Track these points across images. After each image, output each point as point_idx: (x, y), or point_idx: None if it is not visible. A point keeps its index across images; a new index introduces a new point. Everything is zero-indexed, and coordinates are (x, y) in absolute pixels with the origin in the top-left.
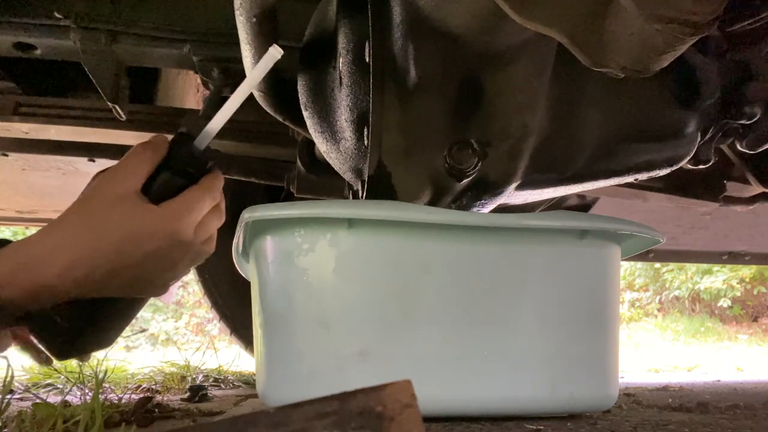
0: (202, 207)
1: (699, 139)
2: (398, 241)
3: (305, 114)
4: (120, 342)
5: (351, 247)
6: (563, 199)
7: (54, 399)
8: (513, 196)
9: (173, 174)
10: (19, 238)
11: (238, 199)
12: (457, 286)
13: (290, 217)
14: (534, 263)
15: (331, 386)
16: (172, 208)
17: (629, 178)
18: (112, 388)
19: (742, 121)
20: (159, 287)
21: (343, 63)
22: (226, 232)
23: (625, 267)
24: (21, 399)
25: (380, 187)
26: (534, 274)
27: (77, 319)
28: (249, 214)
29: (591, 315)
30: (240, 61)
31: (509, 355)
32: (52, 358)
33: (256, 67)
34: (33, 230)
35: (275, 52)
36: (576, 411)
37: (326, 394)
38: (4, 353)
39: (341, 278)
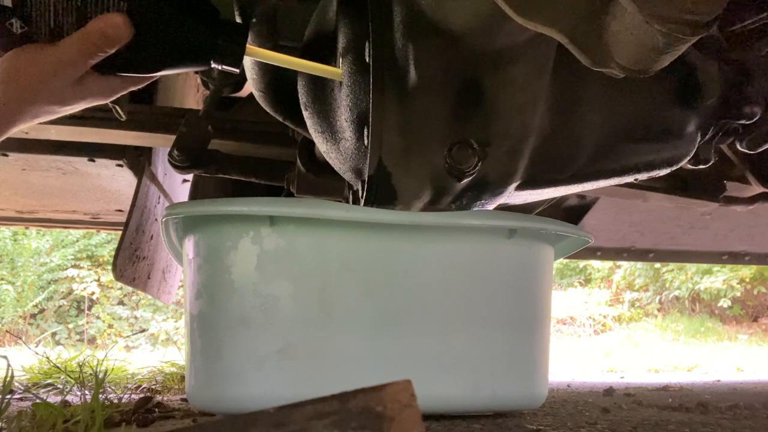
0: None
1: (699, 139)
2: (320, 239)
3: (305, 114)
4: (120, 342)
5: (273, 244)
6: (563, 199)
7: (54, 399)
8: (513, 196)
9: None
10: (19, 238)
11: None
12: (380, 285)
13: (211, 213)
14: (460, 262)
15: (251, 386)
16: (112, 87)
17: (629, 178)
18: (112, 388)
19: (742, 121)
20: None
21: (343, 63)
22: None
23: (625, 267)
24: (21, 399)
25: (380, 187)
26: (459, 272)
27: None
28: (169, 211)
29: (518, 314)
30: None
31: (431, 354)
32: None
33: (312, 65)
34: (33, 230)
35: (336, 75)
36: (501, 409)
37: (246, 394)
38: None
39: (263, 276)
